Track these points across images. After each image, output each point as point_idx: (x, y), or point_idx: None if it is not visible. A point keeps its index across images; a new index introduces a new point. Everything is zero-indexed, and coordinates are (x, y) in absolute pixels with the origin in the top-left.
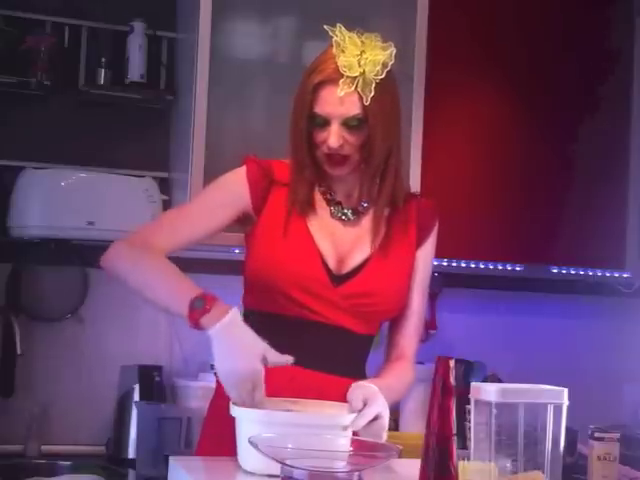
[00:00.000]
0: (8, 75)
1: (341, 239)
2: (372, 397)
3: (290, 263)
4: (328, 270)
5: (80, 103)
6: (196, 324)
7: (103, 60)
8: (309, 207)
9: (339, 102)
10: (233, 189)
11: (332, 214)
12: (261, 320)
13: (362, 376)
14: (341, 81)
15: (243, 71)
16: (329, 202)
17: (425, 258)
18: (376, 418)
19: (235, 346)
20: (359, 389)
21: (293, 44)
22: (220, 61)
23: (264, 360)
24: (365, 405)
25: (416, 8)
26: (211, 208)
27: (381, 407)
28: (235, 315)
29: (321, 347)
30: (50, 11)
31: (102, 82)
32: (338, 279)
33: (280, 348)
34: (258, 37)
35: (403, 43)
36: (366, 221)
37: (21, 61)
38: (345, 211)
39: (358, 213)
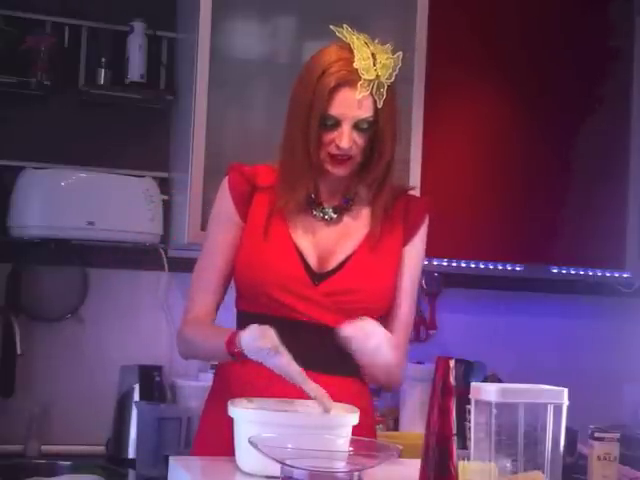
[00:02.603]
0: (8, 75)
1: (323, 238)
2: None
3: (270, 264)
4: (308, 269)
5: (80, 103)
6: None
7: (103, 60)
8: (301, 207)
9: (357, 105)
10: (223, 212)
11: (314, 215)
12: (250, 321)
13: (353, 373)
14: (359, 84)
15: (243, 71)
16: (310, 202)
17: (414, 255)
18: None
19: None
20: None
21: (293, 44)
22: (220, 61)
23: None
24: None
25: (416, 8)
26: (218, 245)
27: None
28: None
29: (307, 346)
30: (50, 11)
31: (102, 82)
32: (319, 277)
33: None
34: (258, 37)
35: (403, 43)
36: (349, 219)
37: (21, 61)
38: (326, 210)
39: (340, 211)
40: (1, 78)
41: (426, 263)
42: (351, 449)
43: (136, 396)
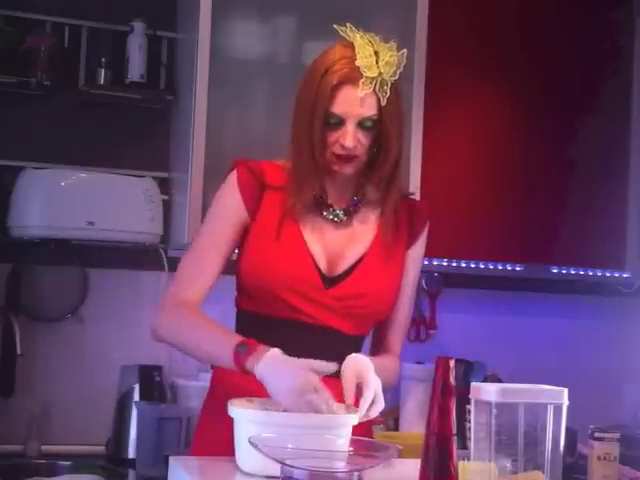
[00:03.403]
0: (8, 75)
1: (332, 241)
2: (365, 376)
3: (282, 265)
4: (320, 272)
5: (80, 103)
6: (242, 368)
7: (103, 60)
8: (309, 209)
9: (359, 102)
10: (229, 206)
11: (324, 216)
12: (253, 322)
13: None
14: (361, 81)
15: (243, 71)
16: (319, 204)
17: (415, 259)
18: (373, 400)
19: (282, 373)
20: (352, 367)
21: (293, 44)
22: (220, 61)
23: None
24: (359, 386)
25: (416, 8)
26: (217, 237)
27: (376, 385)
28: (275, 351)
29: (312, 349)
30: (50, 11)
31: (102, 82)
32: (330, 281)
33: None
34: (258, 37)
35: (403, 43)
36: (358, 222)
37: (21, 61)
38: (337, 212)
39: (350, 214)
40: (1, 78)
41: (426, 263)
42: (351, 449)
43: (136, 396)
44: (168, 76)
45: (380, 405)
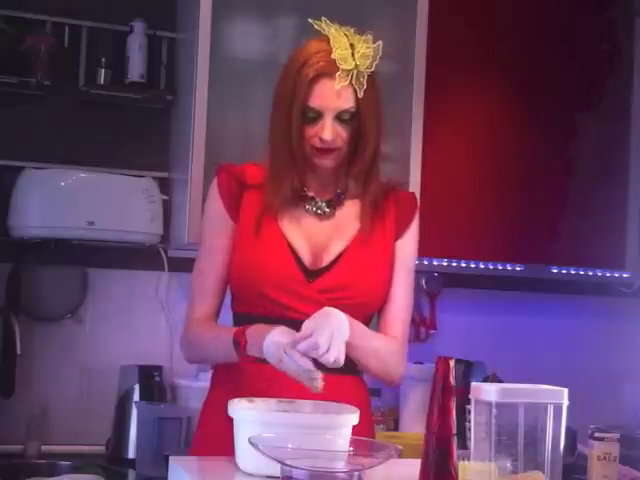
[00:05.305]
0: (8, 75)
1: (316, 234)
2: (319, 328)
3: (263, 262)
4: (302, 266)
5: (80, 103)
6: (248, 357)
7: (103, 60)
8: (289, 203)
9: (336, 95)
10: (214, 218)
11: (306, 210)
12: (246, 323)
13: (350, 371)
14: (337, 74)
15: (243, 71)
16: (302, 198)
17: (405, 248)
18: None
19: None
20: (315, 318)
21: (293, 44)
22: (220, 61)
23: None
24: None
25: (416, 8)
26: (211, 253)
27: (328, 330)
28: (253, 331)
29: None
30: (50, 11)
31: (102, 82)
32: (313, 274)
33: None
34: (258, 37)
35: (403, 43)
36: (341, 214)
37: (21, 61)
38: (320, 204)
39: (333, 206)
40: (1, 78)
41: (426, 263)
42: (351, 449)
43: (136, 396)
44: (168, 76)
45: (331, 353)
